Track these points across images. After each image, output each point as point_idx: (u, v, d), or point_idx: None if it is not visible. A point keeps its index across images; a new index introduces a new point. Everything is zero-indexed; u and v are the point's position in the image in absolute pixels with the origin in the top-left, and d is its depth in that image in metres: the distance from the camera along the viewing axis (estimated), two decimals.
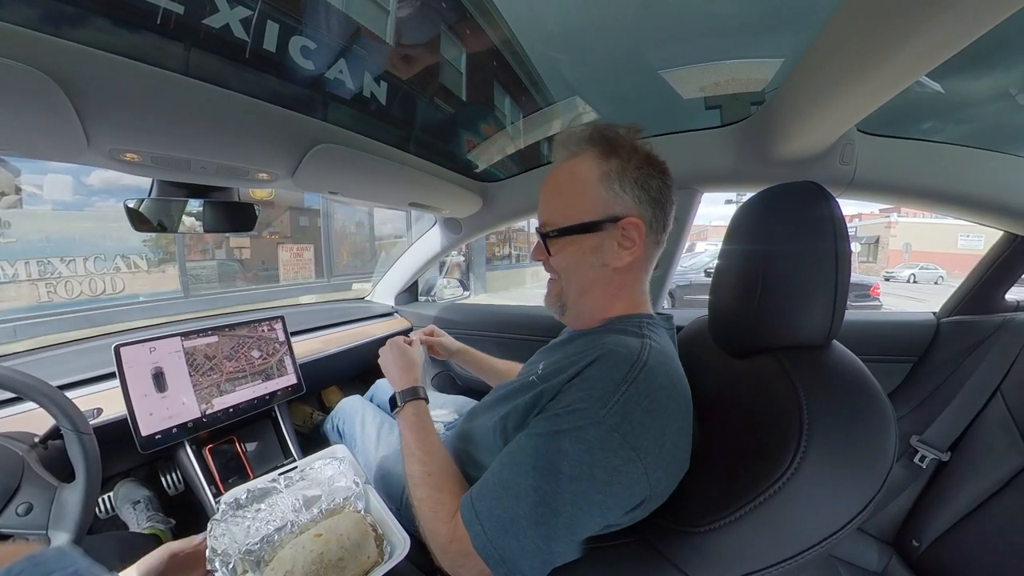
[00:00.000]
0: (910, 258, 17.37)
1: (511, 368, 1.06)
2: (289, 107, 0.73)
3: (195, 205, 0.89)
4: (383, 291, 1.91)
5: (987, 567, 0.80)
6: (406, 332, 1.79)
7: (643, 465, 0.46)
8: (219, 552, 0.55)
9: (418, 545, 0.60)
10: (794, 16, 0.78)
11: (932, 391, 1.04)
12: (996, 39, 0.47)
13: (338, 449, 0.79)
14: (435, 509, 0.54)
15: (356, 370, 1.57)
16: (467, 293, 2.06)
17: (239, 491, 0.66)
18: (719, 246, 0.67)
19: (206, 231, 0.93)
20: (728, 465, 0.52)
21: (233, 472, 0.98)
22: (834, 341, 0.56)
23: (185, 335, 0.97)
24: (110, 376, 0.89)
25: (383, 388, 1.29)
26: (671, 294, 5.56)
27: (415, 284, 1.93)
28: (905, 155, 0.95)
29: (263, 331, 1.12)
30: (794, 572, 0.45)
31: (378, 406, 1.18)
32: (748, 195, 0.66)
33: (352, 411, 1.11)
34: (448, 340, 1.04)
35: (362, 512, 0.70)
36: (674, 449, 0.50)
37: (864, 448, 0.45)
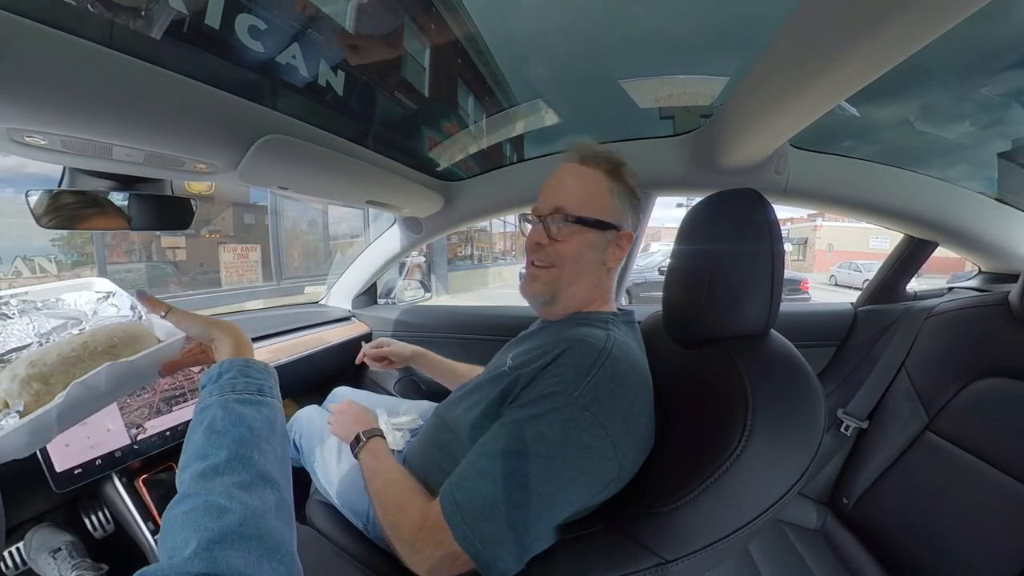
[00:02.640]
0: (832, 256, 19.53)
1: (472, 371, 1.05)
2: (233, 92, 0.66)
3: (118, 199, 0.79)
4: (339, 294, 1.82)
5: (901, 513, 0.92)
6: (366, 337, 1.71)
7: (611, 442, 0.50)
8: None
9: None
10: (738, 41, 0.87)
11: (852, 370, 1.20)
12: (900, 75, 0.57)
13: (98, 281, 0.65)
14: (399, 508, 0.57)
15: (312, 380, 1.48)
16: (429, 295, 2.02)
17: None
18: (671, 246, 0.72)
19: (132, 229, 0.82)
20: (685, 448, 0.55)
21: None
22: (771, 330, 0.62)
23: None
24: None
25: (342, 396, 1.22)
26: (628, 291, 5.81)
27: (374, 286, 1.86)
28: (829, 168, 1.10)
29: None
30: (749, 537, 0.50)
31: None
32: (697, 199, 0.72)
33: (309, 423, 1.04)
34: (399, 346, 1.03)
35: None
36: (638, 428, 0.55)
37: (799, 423, 0.51)
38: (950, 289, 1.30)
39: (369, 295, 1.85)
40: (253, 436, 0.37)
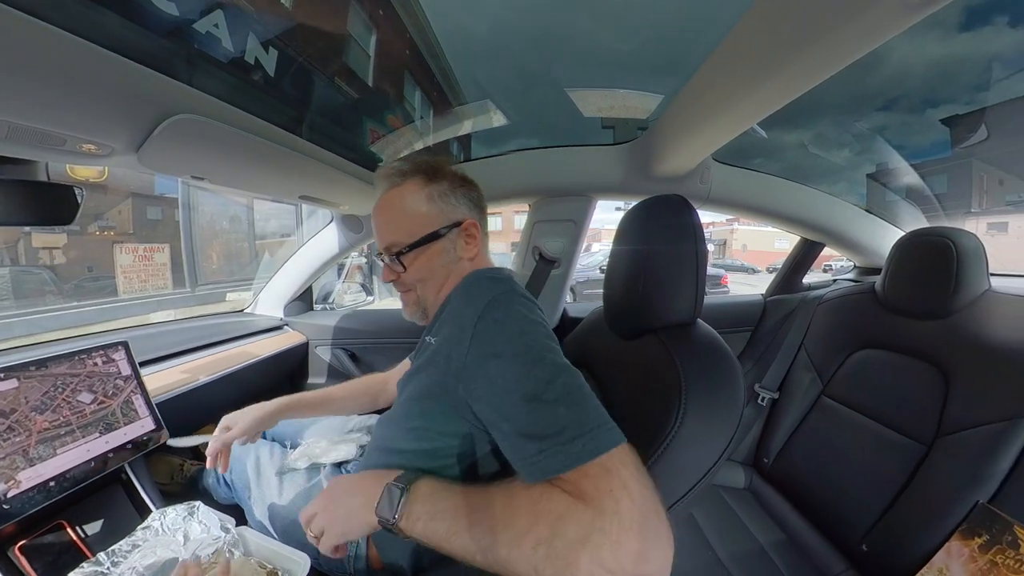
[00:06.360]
0: (747, 255, 22.55)
1: (352, 391, 0.99)
2: (136, 59, 0.56)
3: None
4: (268, 301, 1.66)
5: (808, 465, 1.11)
6: (301, 347, 1.56)
7: (540, 317, 0.58)
8: None
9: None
10: (672, 64, 0.98)
11: (765, 350, 1.43)
12: (799, 107, 0.71)
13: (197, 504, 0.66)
14: (543, 525, 0.41)
15: (239, 402, 1.30)
16: (371, 298, 1.92)
17: None
18: (611, 246, 0.78)
19: None
20: (630, 430, 0.60)
21: (68, 571, 0.59)
22: (698, 319, 0.70)
23: None
24: None
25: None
26: (572, 289, 6.07)
27: (309, 291, 1.72)
28: (744, 180, 1.32)
29: (95, 364, 0.84)
30: (692, 503, 0.56)
31: (274, 440, 0.99)
32: (633, 203, 0.79)
33: (242, 453, 0.91)
34: (247, 424, 0.81)
35: (243, 555, 0.60)
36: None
37: (724, 399, 0.58)
38: (835, 281, 1.59)
39: (304, 301, 1.72)
40: None
